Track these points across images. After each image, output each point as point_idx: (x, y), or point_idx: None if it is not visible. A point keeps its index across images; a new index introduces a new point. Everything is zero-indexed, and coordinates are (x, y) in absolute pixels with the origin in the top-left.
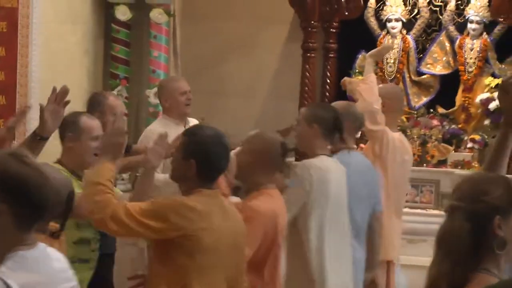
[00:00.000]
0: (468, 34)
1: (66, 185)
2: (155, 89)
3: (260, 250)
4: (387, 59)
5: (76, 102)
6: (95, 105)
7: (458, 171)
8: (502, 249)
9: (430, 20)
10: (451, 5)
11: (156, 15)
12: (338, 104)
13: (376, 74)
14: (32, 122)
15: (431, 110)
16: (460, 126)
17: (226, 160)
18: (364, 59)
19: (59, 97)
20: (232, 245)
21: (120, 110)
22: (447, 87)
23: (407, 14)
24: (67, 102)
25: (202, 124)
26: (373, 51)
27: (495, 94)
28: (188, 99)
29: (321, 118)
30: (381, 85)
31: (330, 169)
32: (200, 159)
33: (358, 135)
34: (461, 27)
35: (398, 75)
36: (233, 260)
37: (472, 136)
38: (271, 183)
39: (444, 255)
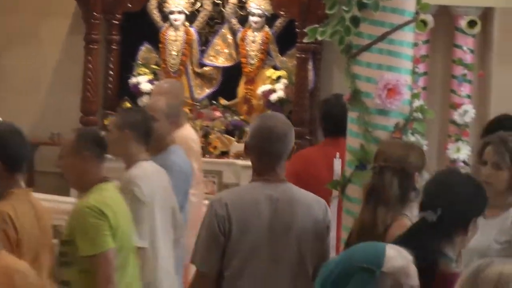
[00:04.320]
0: (250, 27)
1: None
2: None
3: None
4: (170, 51)
5: None
6: None
7: (240, 161)
8: (417, 198)
9: (213, 13)
10: None
11: None
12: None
13: (159, 66)
14: None
15: (214, 102)
16: (242, 117)
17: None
18: (148, 51)
19: None
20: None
21: None
22: (230, 79)
23: (190, 7)
24: None
25: None
26: None
27: (276, 86)
28: None
29: (132, 123)
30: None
31: (153, 175)
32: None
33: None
34: (243, 20)
35: (181, 67)
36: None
37: None
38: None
39: (376, 204)
